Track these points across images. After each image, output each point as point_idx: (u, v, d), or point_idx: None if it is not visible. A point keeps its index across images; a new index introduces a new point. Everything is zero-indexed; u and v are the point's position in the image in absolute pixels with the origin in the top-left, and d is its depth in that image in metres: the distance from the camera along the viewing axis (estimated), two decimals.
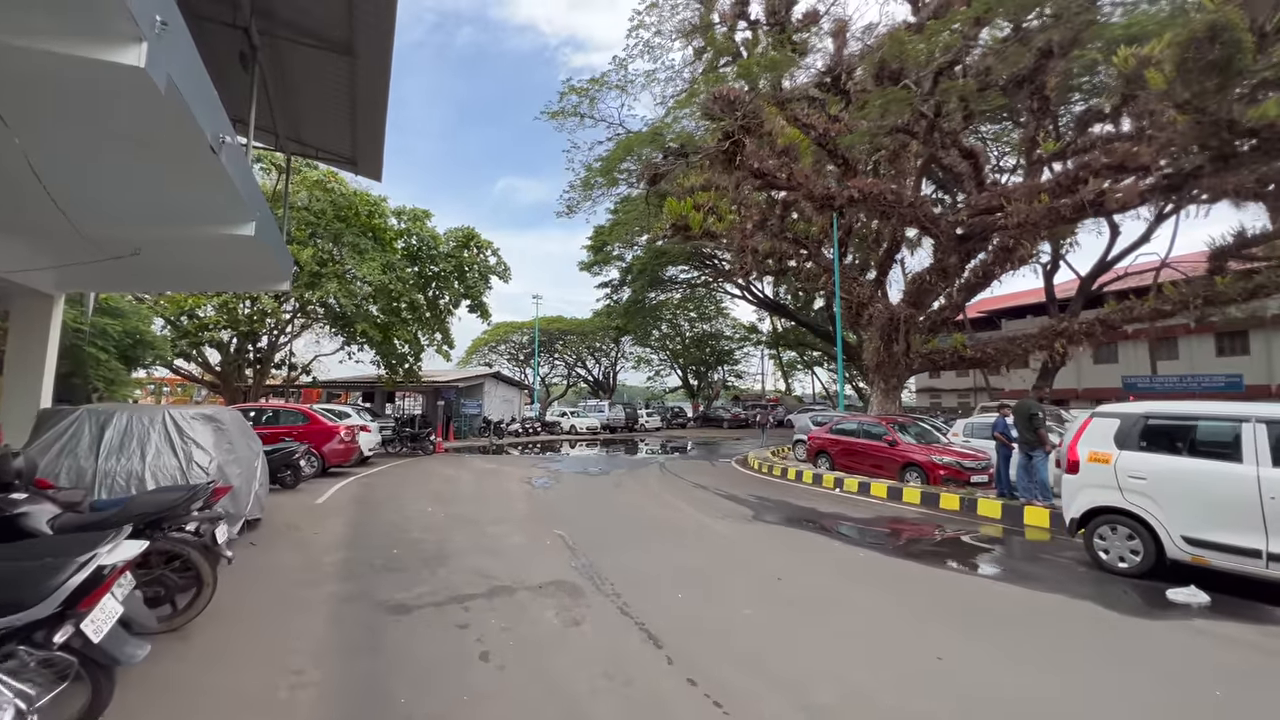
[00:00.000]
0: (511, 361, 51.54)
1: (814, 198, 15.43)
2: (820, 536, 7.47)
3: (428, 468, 14.98)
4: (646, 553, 6.38)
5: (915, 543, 7.29)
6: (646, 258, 33.97)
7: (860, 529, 7.97)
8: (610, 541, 6.87)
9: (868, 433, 12.99)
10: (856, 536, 7.53)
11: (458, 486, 11.57)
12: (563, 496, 10.49)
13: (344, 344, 19.45)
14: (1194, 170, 12.65)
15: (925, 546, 7.08)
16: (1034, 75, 14.39)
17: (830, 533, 7.71)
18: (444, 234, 19.00)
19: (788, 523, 8.24)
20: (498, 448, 22.98)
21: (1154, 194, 13.53)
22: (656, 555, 6.27)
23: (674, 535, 7.29)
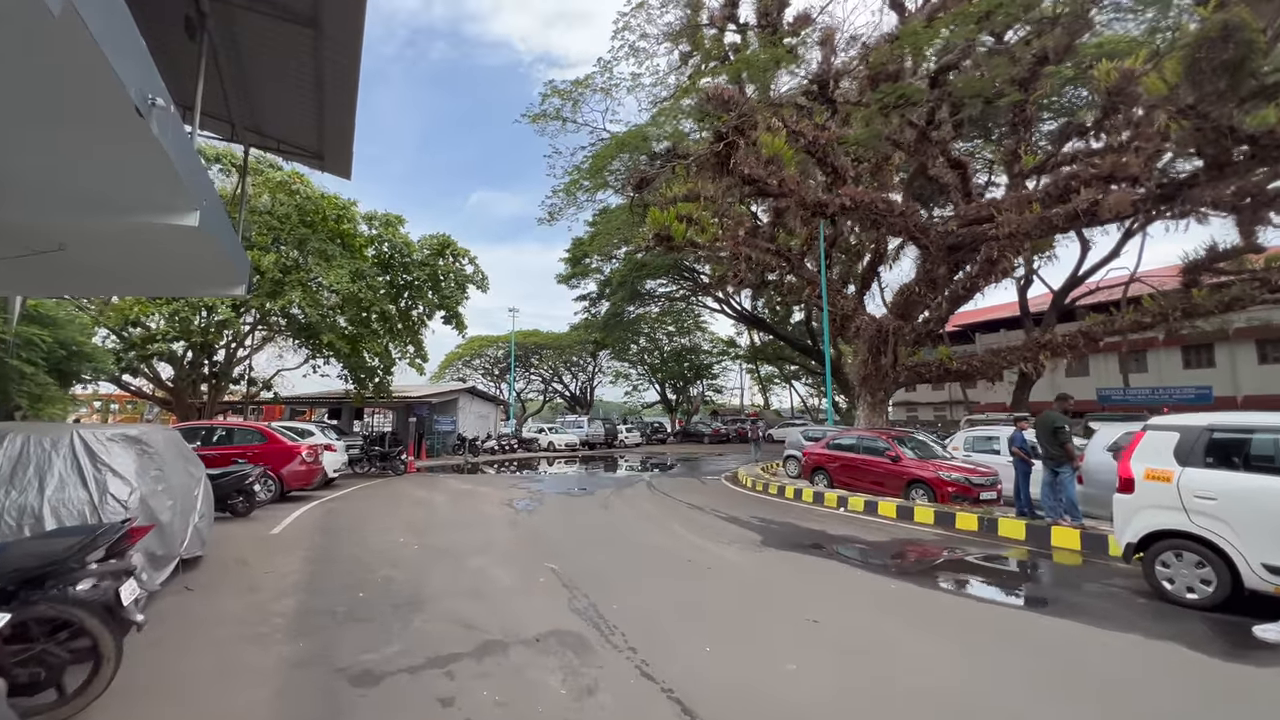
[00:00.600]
0: (486, 376, 50.24)
1: (806, 205, 15.00)
2: (841, 565, 6.76)
3: (399, 490, 13.89)
4: (655, 589, 5.57)
5: (946, 570, 6.64)
6: (626, 270, 33.40)
7: (881, 555, 7.29)
8: (610, 576, 6.04)
9: (867, 448, 12.42)
10: (880, 564, 6.83)
11: (432, 511, 10.58)
12: (549, 521, 9.60)
13: (309, 357, 18.23)
14: (1189, 179, 12.57)
15: (959, 575, 6.43)
16: (1028, 82, 14.23)
17: (850, 560, 7.01)
18: (418, 241, 18.05)
19: (801, 549, 7.52)
20: (473, 466, 21.85)
21: (1147, 203, 13.44)
22: (667, 592, 5.47)
23: (681, 567, 6.49)
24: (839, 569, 6.58)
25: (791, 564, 6.78)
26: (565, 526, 9.13)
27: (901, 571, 6.52)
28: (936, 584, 6.02)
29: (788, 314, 44.27)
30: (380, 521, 9.39)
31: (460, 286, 18.13)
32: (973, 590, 5.91)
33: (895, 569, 6.62)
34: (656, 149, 17.04)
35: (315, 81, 8.24)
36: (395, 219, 17.04)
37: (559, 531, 8.68)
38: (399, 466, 17.40)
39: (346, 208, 16.25)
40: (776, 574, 6.30)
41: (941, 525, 8.99)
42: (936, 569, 6.71)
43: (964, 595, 5.68)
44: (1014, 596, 5.71)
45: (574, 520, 9.74)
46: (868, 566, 6.73)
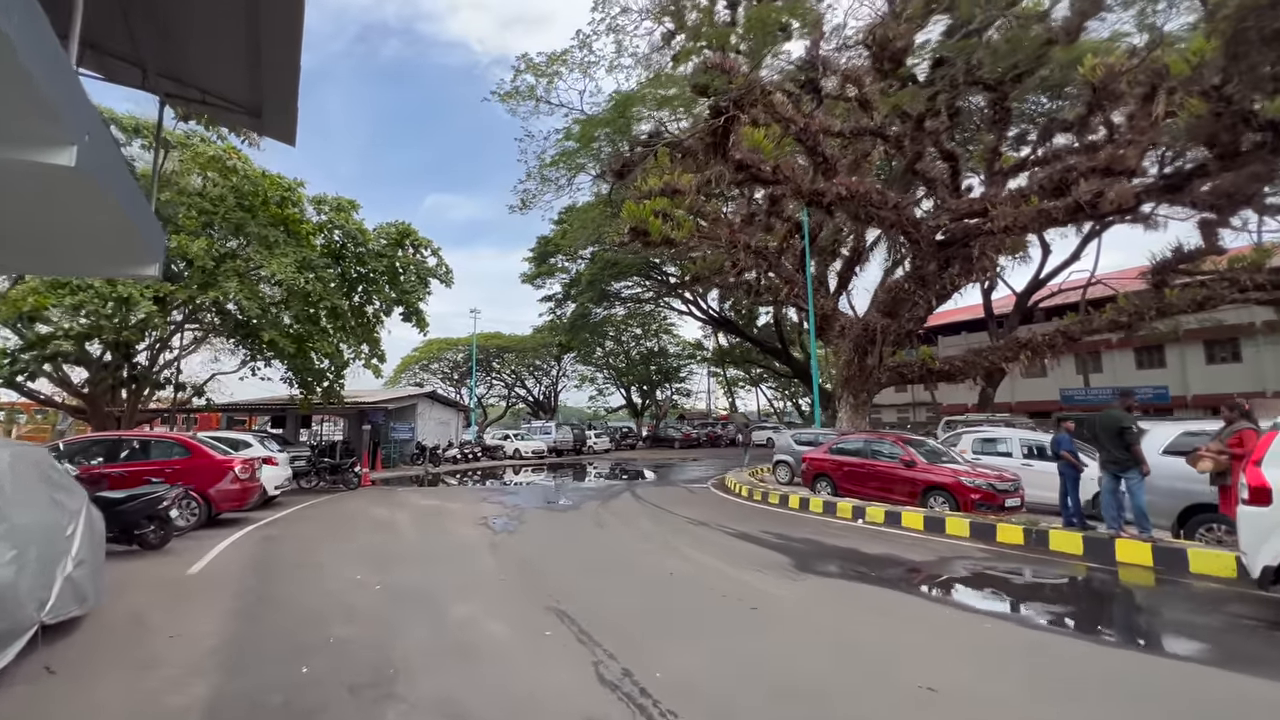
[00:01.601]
0: (445, 381, 47.88)
1: (802, 193, 14.08)
2: (907, 597, 5.65)
3: (353, 507, 12.18)
4: (700, 642, 4.31)
5: (1030, 598, 5.64)
6: (595, 268, 32.03)
7: (941, 580, 6.25)
8: (634, 622, 4.75)
9: (876, 452, 11.50)
10: (956, 595, 5.78)
11: (394, 535, 9.01)
12: (537, 545, 8.20)
13: (248, 358, 16.18)
14: (1196, 169, 12.22)
15: (1052, 605, 5.43)
16: (1034, 67, 13.70)
17: (912, 589, 5.93)
18: (374, 230, 16.29)
19: (845, 575, 6.39)
20: (435, 477, 20.07)
21: (1151, 196, 13.07)
22: (718, 647, 4.22)
23: (716, 605, 5.25)
24: (908, 603, 5.47)
25: (847, 597, 5.63)
26: (558, 551, 7.76)
27: (989, 606, 5.48)
28: (1036, 620, 5.00)
29: (753, 316, 43.81)
30: (331, 551, 7.80)
31: (422, 280, 16.44)
32: (1094, 631, 4.90)
33: (976, 601, 5.57)
34: (639, 132, 15.83)
35: (249, 17, 6.66)
36: (348, 204, 15.26)
37: (552, 559, 7.30)
38: (352, 480, 15.57)
39: (291, 189, 14.38)
40: (837, 614, 5.13)
41: (980, 538, 8.05)
42: (1018, 597, 5.71)
43: (1090, 639, 4.65)
44: (1156, 641, 4.73)
45: (566, 543, 8.37)
46: (943, 600, 5.66)
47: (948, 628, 4.75)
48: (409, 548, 7.99)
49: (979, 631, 4.67)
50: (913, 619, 4.97)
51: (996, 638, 4.54)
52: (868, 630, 4.66)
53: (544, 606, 5.10)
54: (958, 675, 3.74)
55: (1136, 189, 12.90)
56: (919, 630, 4.66)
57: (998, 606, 5.44)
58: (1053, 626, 4.86)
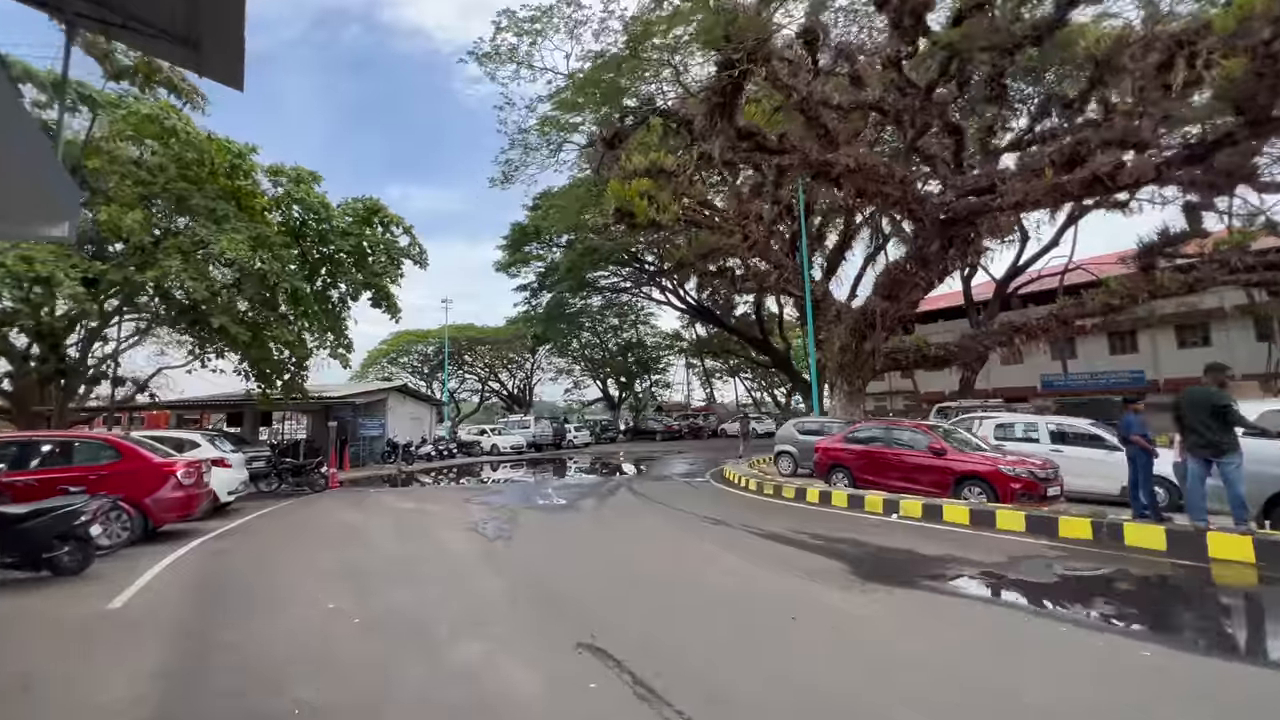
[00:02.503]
0: (415, 375, 45.88)
1: (810, 164, 13.09)
2: (1003, 611, 4.72)
3: (320, 513, 10.79)
4: (805, 697, 3.26)
5: (1144, 608, 4.78)
6: (575, 255, 30.66)
7: (1032, 586, 5.35)
8: (704, 663, 3.66)
9: (898, 440, 10.65)
10: (1050, 605, 4.87)
11: (372, 547, 7.73)
12: (542, 554, 7.04)
13: (195, 347, 14.47)
14: (1222, 138, 11.67)
15: (1172, 618, 4.56)
16: (1056, 26, 12.97)
17: (1001, 600, 5.00)
18: (339, 206, 14.73)
19: (919, 584, 5.43)
20: (409, 476, 18.63)
21: (1173, 167, 12.50)
22: (830, 698, 3.18)
23: (795, 632, 4.21)
24: (1005, 618, 4.53)
25: (935, 614, 4.65)
26: (569, 562, 6.63)
27: (1083, 615, 4.58)
28: (1152, 634, 4.11)
29: (731, 306, 43.07)
30: (295, 570, 6.50)
31: (393, 261, 14.95)
32: (1204, 641, 4.03)
33: (1073, 612, 4.66)
34: (645, 91, 14.62)
35: None
36: (309, 175, 13.68)
37: (565, 572, 6.16)
38: (318, 481, 14.10)
39: (242, 155, 12.73)
40: (936, 638, 4.14)
41: (1040, 533, 7.21)
42: (1120, 606, 4.84)
43: (1212, 654, 3.77)
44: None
45: (574, 551, 7.24)
46: (1033, 610, 4.74)
47: (1060, 648, 3.81)
48: (391, 563, 6.75)
49: (1094, 652, 3.74)
50: (1019, 639, 4.02)
51: (1116, 658, 3.62)
52: (979, 657, 3.68)
53: (575, 643, 3.97)
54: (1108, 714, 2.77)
55: (1157, 160, 12.32)
56: (1032, 654, 3.71)
57: (1101, 619, 4.55)
58: (1173, 641, 3.99)
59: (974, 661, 3.65)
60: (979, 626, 4.32)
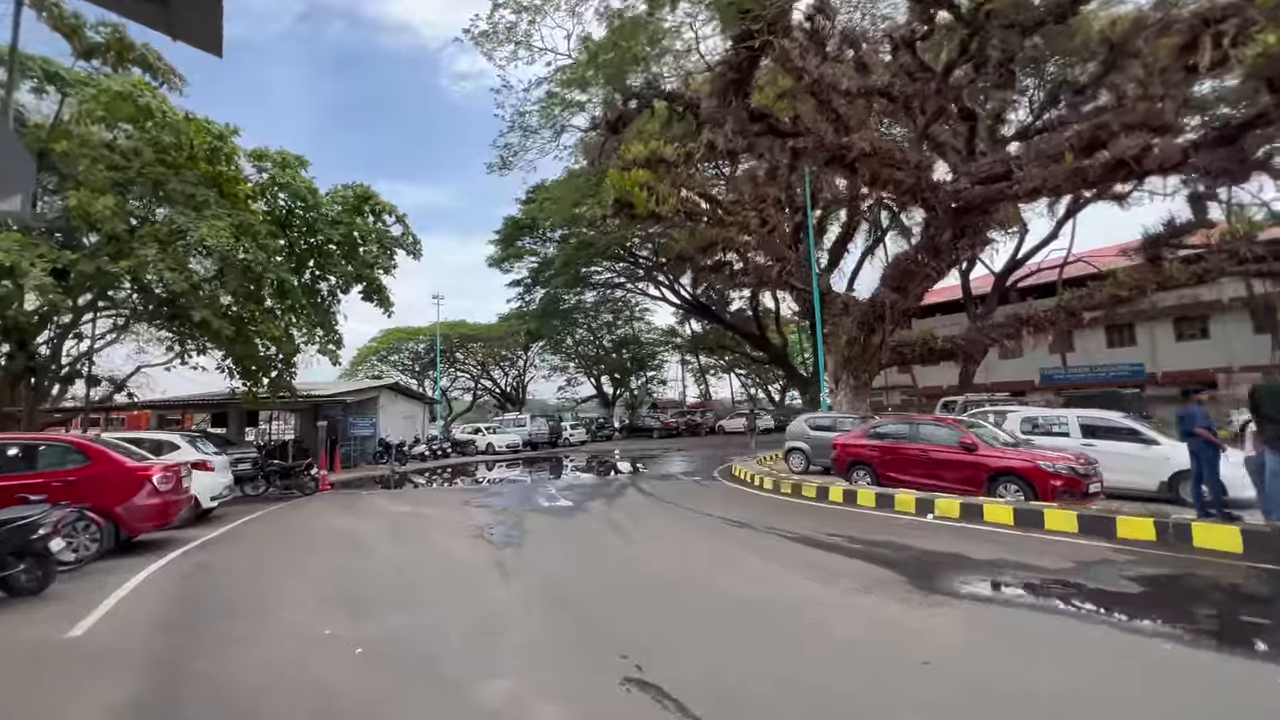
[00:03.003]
0: (406, 374, 44.96)
1: (825, 147, 12.51)
2: (1091, 628, 4.17)
3: (310, 519, 10.10)
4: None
5: (1243, 619, 4.25)
6: (571, 250, 29.94)
7: (1113, 597, 4.80)
8: (775, 702, 3.08)
9: (925, 436, 10.12)
10: (1142, 620, 4.32)
11: (369, 557, 7.07)
12: (558, 564, 6.41)
13: (174, 343, 13.67)
14: (1256, 118, 11.23)
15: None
16: (1078, 3, 12.48)
17: (1085, 613, 4.45)
18: (327, 194, 13.97)
19: (988, 596, 4.88)
20: (401, 477, 17.92)
21: (1201, 150, 12.07)
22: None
23: (874, 660, 3.64)
24: (1097, 636, 3.97)
25: (1018, 632, 4.09)
26: (590, 573, 6.00)
27: (1181, 631, 4.04)
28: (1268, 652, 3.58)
29: (726, 301, 42.57)
30: (284, 586, 5.84)
31: (386, 251, 14.21)
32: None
33: (1171, 629, 4.12)
34: (634, 84, 13.97)
35: None
36: (295, 160, 12.91)
37: (588, 585, 5.54)
38: (308, 484, 13.37)
39: (223, 137, 11.94)
40: (1030, 663, 3.57)
41: (1095, 534, 6.69)
42: (1221, 618, 4.33)
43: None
44: None
45: (593, 559, 6.61)
46: (1125, 627, 4.20)
47: (1174, 675, 3.26)
48: (391, 576, 6.10)
49: (1220, 680, 3.20)
50: (1122, 661, 3.47)
51: (1249, 685, 3.08)
52: (1087, 684, 3.12)
53: (620, 676, 3.36)
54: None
55: (1183, 144, 11.89)
56: (1141, 680, 3.17)
57: (1208, 637, 4.02)
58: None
59: (1083, 691, 3.09)
60: (1073, 645, 3.76)
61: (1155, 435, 9.74)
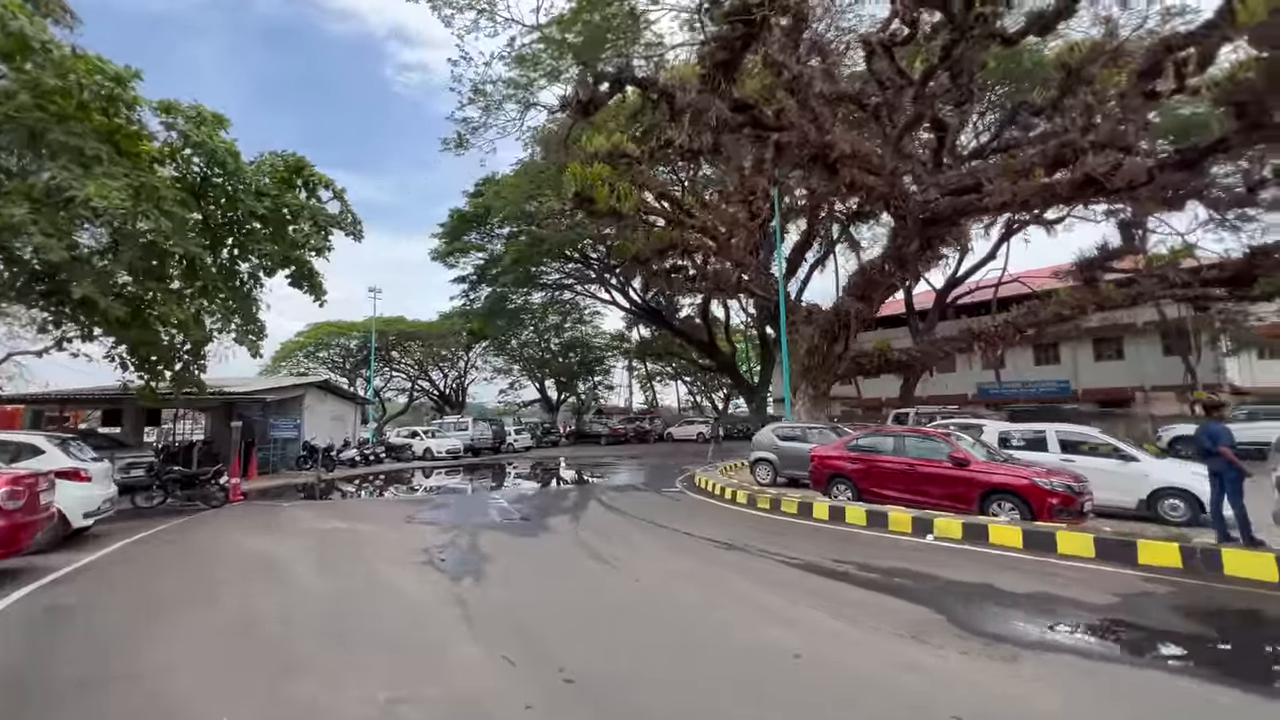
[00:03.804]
0: (336, 372, 41.81)
1: (808, 143, 11.95)
2: (1187, 683, 3.52)
3: (215, 539, 8.45)
4: None
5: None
6: (522, 246, 28.49)
7: (1183, 639, 4.21)
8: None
9: (909, 449, 9.62)
10: (1230, 672, 3.72)
11: (288, 594, 5.69)
12: (532, 603, 5.27)
13: (47, 325, 11.44)
14: (1214, 144, 11.53)
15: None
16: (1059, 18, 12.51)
17: (1165, 663, 3.81)
18: (253, 163, 12.17)
19: (1045, 642, 4.18)
20: (329, 485, 16.08)
21: (1165, 171, 12.31)
22: None
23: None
24: (1196, 695, 3.32)
25: (1115, 693, 3.38)
26: (573, 616, 4.91)
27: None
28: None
29: (675, 308, 42.20)
30: (164, 640, 4.44)
31: (321, 230, 12.51)
32: None
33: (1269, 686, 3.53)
34: (606, 68, 12.99)
35: None
36: (214, 118, 11.10)
37: (578, 634, 4.45)
38: (215, 494, 11.51)
39: (121, 81, 10.02)
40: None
41: (1113, 559, 6.23)
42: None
43: None
44: None
45: (572, 594, 5.52)
46: (1214, 678, 3.57)
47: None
48: (319, 623, 4.79)
49: None
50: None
51: None
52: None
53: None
54: None
55: (1149, 164, 12.10)
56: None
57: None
58: None
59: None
60: (1196, 713, 3.07)
61: (1133, 451, 9.64)
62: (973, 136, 22.57)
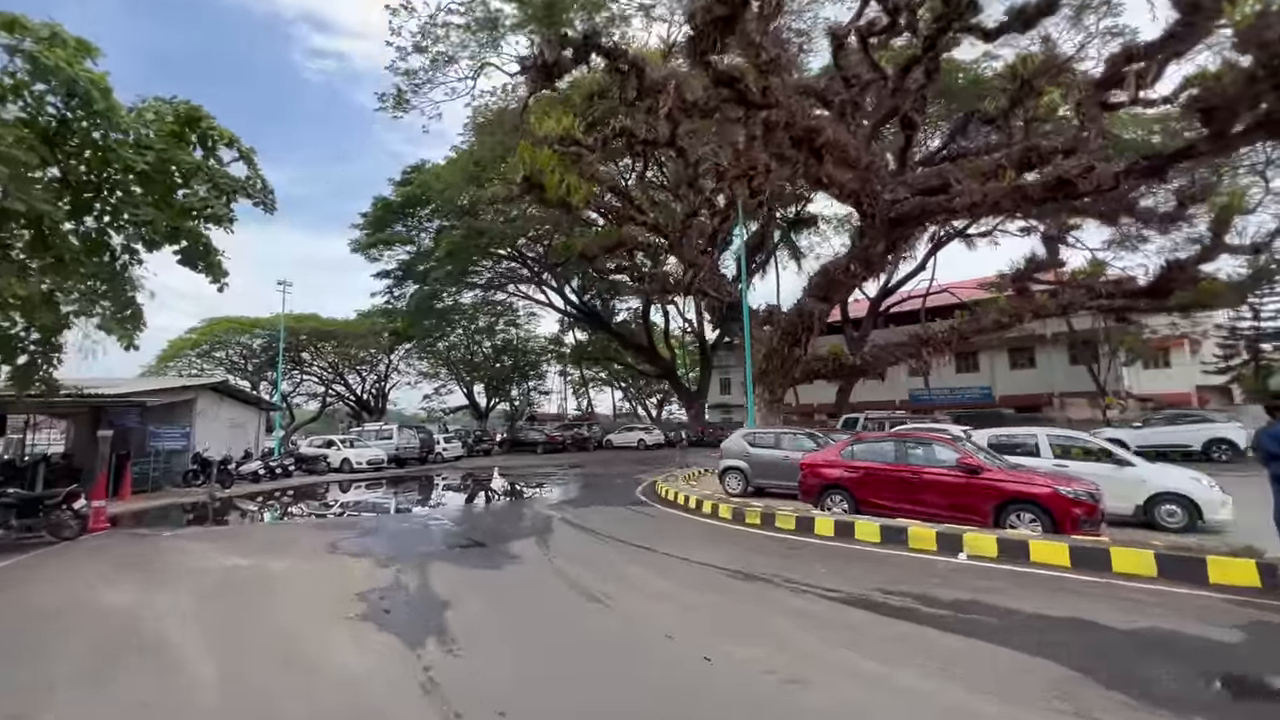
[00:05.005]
0: (236, 374, 37.23)
1: (794, 125, 11.07)
2: None
3: (53, 592, 6.26)
4: None
5: None
6: (458, 238, 26.24)
7: None
8: None
9: (914, 455, 8.85)
10: None
11: (163, 689, 3.90)
12: (531, 677, 3.80)
13: None
14: (1180, 152, 11.70)
15: None
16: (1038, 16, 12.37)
17: None
18: (132, 110, 9.77)
19: (1224, 712, 3.25)
20: (225, 505, 13.55)
21: (1131, 178, 12.44)
22: None
23: None
24: None
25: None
26: (595, 702, 3.52)
27: None
28: None
29: (611, 311, 41.09)
30: None
31: (222, 195, 10.19)
32: None
33: None
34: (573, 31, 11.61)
35: None
36: (76, 43, 8.70)
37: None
38: (68, 523, 9.00)
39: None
40: None
41: (1180, 579, 5.54)
42: None
43: None
44: None
45: (583, 661, 4.09)
46: None
47: None
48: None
49: None
50: None
51: None
52: None
53: None
54: None
55: (1116, 169, 12.18)
56: None
57: None
58: None
59: None
60: None
61: (1129, 457, 9.35)
62: (920, 144, 22.92)
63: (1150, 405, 29.64)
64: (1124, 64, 12.87)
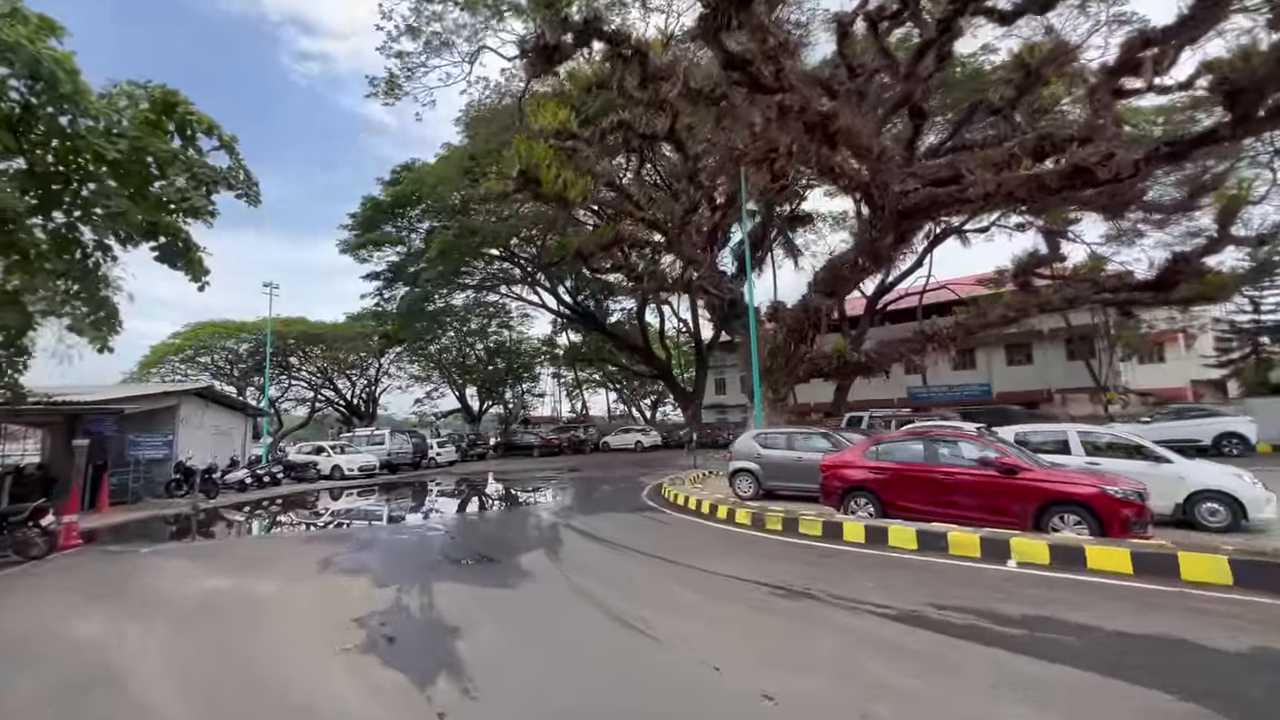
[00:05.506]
0: (222, 380, 36.24)
1: (807, 110, 10.56)
2: None
3: (13, 621, 5.62)
4: None
5: None
6: (450, 238, 25.55)
7: None
8: None
9: (944, 455, 8.36)
10: None
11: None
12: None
13: None
14: (1203, 136, 11.33)
15: None
16: None
17: None
18: (104, 95, 9.11)
19: None
20: (210, 517, 12.84)
21: (1151, 163, 12.06)
22: None
23: None
24: None
25: None
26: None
27: None
28: None
29: (605, 311, 40.52)
30: None
31: (201, 186, 9.53)
32: None
33: None
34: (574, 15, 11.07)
35: None
36: (40, 20, 8.02)
37: None
38: (35, 541, 8.30)
39: None
40: None
41: (1259, 587, 5.04)
42: None
43: None
44: None
45: (626, 698, 3.55)
46: None
47: None
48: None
49: None
50: None
51: None
52: None
53: None
54: None
55: (1136, 156, 11.80)
56: None
57: None
58: None
59: None
60: None
61: (1165, 453, 8.92)
62: (922, 138, 22.58)
63: (1151, 400, 29.51)
64: (1139, 49, 12.53)
